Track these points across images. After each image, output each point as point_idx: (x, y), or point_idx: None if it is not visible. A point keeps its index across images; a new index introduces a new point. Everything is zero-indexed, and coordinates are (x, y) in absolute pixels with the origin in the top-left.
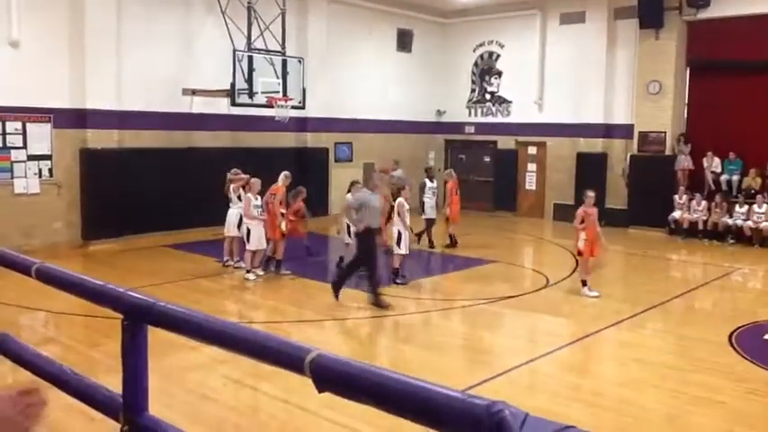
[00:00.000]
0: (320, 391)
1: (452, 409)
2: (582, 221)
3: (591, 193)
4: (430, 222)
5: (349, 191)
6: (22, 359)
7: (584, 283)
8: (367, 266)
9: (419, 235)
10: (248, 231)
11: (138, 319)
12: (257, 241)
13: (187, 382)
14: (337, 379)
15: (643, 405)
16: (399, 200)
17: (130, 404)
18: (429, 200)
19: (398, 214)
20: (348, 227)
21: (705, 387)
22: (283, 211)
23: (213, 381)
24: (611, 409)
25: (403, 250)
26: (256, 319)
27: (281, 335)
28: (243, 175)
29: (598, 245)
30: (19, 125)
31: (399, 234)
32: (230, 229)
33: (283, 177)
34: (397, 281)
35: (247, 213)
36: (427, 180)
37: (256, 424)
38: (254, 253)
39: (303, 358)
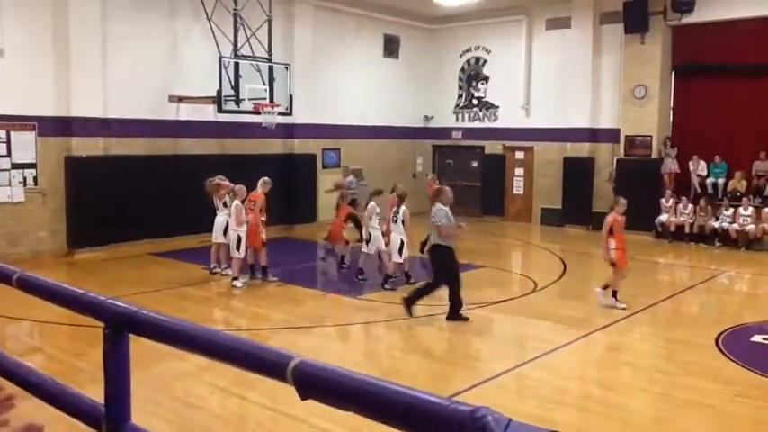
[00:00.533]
0: (303, 399)
1: (435, 415)
2: (611, 229)
3: (623, 200)
4: None
5: (370, 200)
6: (2, 369)
7: (614, 294)
8: (450, 283)
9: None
10: (238, 239)
11: (120, 328)
12: (246, 249)
13: (174, 391)
14: (320, 386)
15: (632, 409)
16: (403, 208)
17: (113, 414)
18: None
19: (403, 222)
20: (370, 235)
21: (693, 390)
22: (263, 218)
23: (199, 389)
24: (599, 414)
25: (401, 259)
26: (243, 327)
27: (263, 342)
28: (227, 183)
29: (626, 254)
30: (3, 133)
31: (402, 242)
32: (217, 236)
33: (262, 183)
34: (386, 286)
35: (238, 220)
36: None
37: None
38: (240, 260)
39: (285, 365)
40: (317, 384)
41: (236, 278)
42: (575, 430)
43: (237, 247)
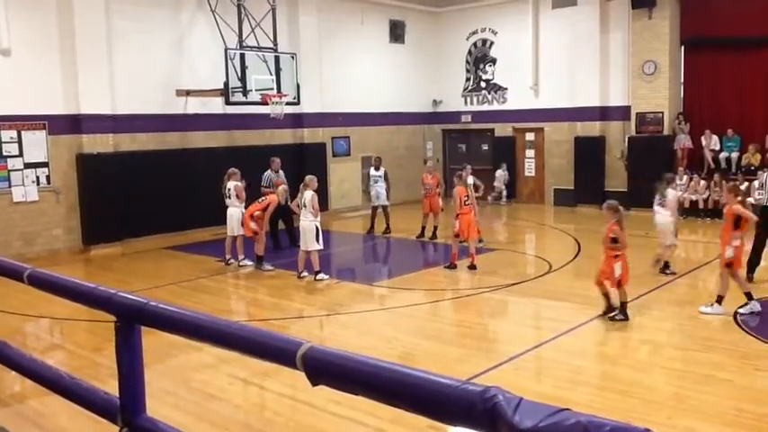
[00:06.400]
0: (314, 385)
1: (446, 397)
2: (737, 223)
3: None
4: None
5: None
6: (19, 365)
7: (719, 300)
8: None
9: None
10: (316, 229)
11: (130, 320)
12: (321, 239)
13: (193, 382)
14: (329, 371)
15: (650, 386)
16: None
17: (127, 406)
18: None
19: None
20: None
21: (712, 366)
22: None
23: (219, 380)
24: (617, 392)
25: None
26: (260, 317)
27: (273, 330)
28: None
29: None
30: (14, 133)
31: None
32: (233, 228)
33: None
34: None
35: (315, 211)
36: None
37: (262, 421)
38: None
39: (294, 352)
40: (327, 370)
41: (318, 271)
42: (593, 410)
43: (317, 239)
